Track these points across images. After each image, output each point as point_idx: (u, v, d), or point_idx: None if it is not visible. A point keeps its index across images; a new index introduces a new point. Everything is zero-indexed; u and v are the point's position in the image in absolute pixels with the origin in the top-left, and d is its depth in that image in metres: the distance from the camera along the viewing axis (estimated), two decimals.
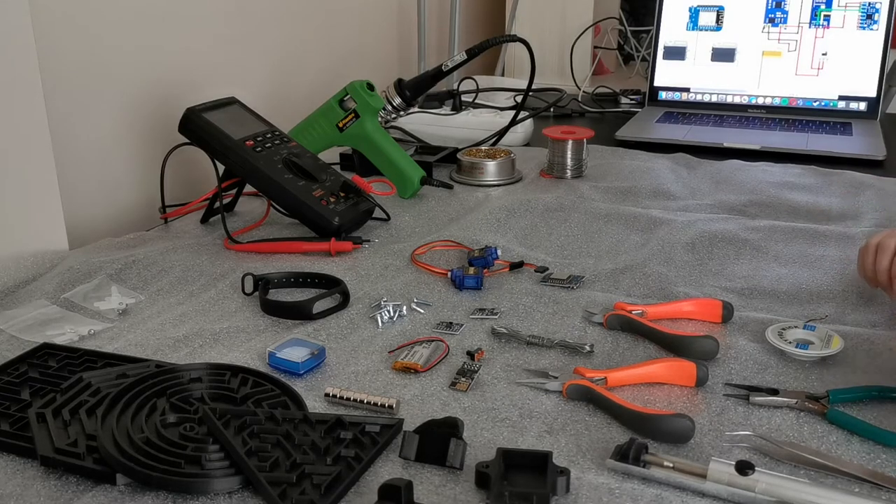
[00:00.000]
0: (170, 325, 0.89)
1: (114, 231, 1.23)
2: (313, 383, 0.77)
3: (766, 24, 1.72)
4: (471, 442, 0.67)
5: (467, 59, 1.34)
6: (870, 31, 1.66)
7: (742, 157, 1.48)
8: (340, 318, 0.90)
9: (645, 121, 1.72)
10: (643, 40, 2.25)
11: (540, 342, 0.84)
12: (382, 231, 1.16)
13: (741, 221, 1.16)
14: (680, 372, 0.76)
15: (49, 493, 0.63)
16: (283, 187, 1.11)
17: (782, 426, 0.70)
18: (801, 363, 0.80)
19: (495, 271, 1.00)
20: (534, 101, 1.76)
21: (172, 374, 0.74)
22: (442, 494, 0.62)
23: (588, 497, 0.61)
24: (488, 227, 1.15)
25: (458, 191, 1.32)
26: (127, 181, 1.30)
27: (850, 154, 1.48)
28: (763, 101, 1.74)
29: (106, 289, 0.97)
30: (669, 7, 1.79)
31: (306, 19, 1.71)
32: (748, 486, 0.60)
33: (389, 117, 1.42)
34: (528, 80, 1.44)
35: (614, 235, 1.14)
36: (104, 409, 0.68)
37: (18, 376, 0.76)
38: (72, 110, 1.19)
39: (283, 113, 1.45)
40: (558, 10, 2.23)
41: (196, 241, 1.12)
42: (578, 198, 1.27)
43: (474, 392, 0.76)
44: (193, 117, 1.14)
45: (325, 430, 0.67)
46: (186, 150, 1.17)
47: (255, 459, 0.63)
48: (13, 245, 1.04)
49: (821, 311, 0.90)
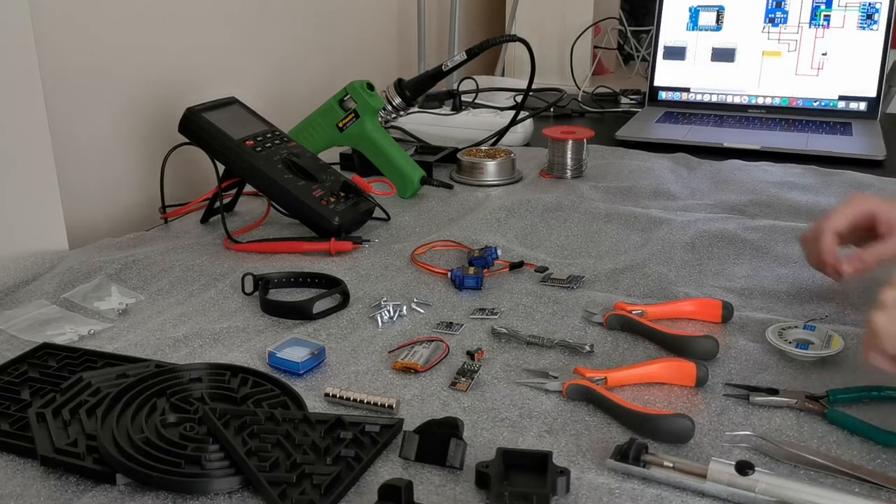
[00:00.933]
0: (170, 325, 0.89)
1: (114, 231, 1.22)
2: (313, 383, 0.77)
3: (766, 24, 1.72)
4: (471, 442, 0.67)
5: (467, 59, 1.34)
6: (870, 31, 1.66)
7: (742, 157, 1.48)
8: (340, 318, 0.90)
9: (645, 121, 1.72)
10: (643, 40, 2.25)
11: (540, 342, 0.84)
12: (382, 231, 1.16)
13: (741, 221, 1.16)
14: (680, 372, 0.76)
15: (49, 493, 0.63)
16: (283, 187, 1.11)
17: (782, 426, 0.70)
18: (801, 363, 0.80)
19: (495, 271, 1.00)
20: (534, 101, 1.75)
21: (172, 374, 0.74)
22: (442, 494, 0.62)
23: (588, 497, 0.61)
24: (488, 227, 1.15)
25: (458, 191, 1.32)
26: (127, 181, 1.30)
27: (850, 154, 1.48)
28: (763, 101, 1.74)
29: (106, 289, 0.97)
30: (669, 7, 1.79)
31: (306, 19, 1.71)
32: (748, 486, 0.60)
33: (389, 117, 1.42)
34: (528, 80, 1.44)
35: (614, 235, 1.14)
36: (104, 409, 0.68)
37: (18, 376, 0.76)
38: (72, 110, 1.19)
39: (283, 113, 1.45)
40: (558, 10, 2.23)
41: (196, 241, 1.12)
42: (578, 198, 1.27)
43: (474, 392, 0.76)
44: (193, 117, 1.14)
45: (325, 430, 0.67)
46: (186, 150, 1.17)
47: (255, 459, 0.63)
48: (13, 245, 1.04)
49: (821, 311, 0.90)
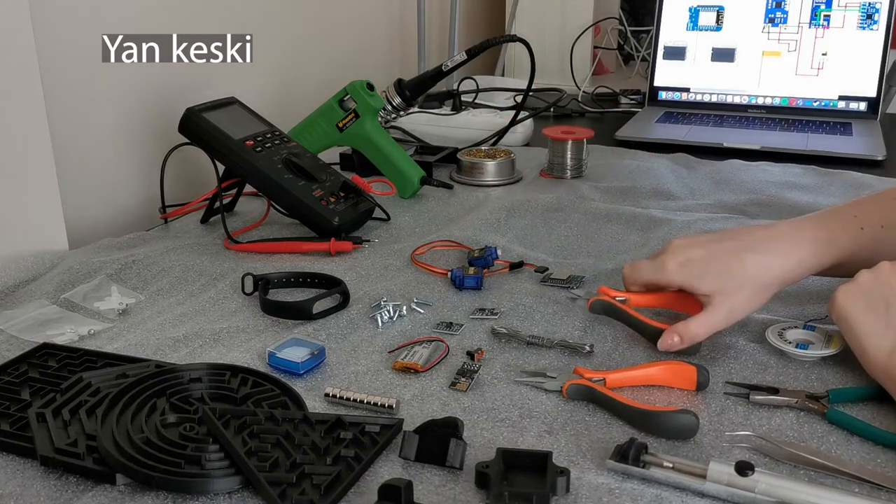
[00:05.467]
0: (169, 325, 0.89)
1: (114, 231, 1.22)
2: (313, 383, 0.77)
3: (766, 25, 1.72)
4: (471, 442, 0.67)
5: (467, 59, 1.34)
6: (870, 31, 1.66)
7: (742, 157, 1.48)
8: (340, 318, 0.90)
9: (645, 121, 1.72)
10: (643, 40, 2.25)
11: (540, 342, 0.84)
12: (382, 231, 1.16)
13: (741, 221, 1.16)
14: (680, 375, 0.76)
15: (49, 493, 0.63)
16: (283, 187, 1.11)
17: (782, 426, 0.70)
18: (801, 363, 0.80)
19: (495, 271, 1.00)
20: (534, 101, 1.76)
21: (172, 374, 0.74)
22: (442, 494, 0.62)
23: (588, 497, 0.61)
24: (488, 227, 1.15)
25: (458, 191, 1.32)
26: (127, 181, 1.30)
27: (850, 154, 1.48)
28: (763, 101, 1.74)
29: (106, 289, 0.97)
30: (669, 7, 1.79)
31: (307, 19, 1.71)
32: (748, 487, 0.60)
33: (389, 117, 1.42)
34: (528, 80, 1.44)
35: (614, 235, 1.14)
36: (104, 409, 0.68)
37: (18, 376, 0.76)
38: (72, 110, 1.19)
39: (283, 113, 1.45)
40: (558, 10, 2.23)
41: (196, 241, 1.12)
42: (578, 198, 1.27)
43: (474, 392, 0.76)
44: (193, 117, 1.14)
45: (325, 430, 0.67)
46: (186, 150, 1.17)
47: (255, 459, 0.63)
48: (13, 245, 1.04)
49: (821, 311, 0.90)
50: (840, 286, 0.76)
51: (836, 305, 0.76)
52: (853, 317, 0.74)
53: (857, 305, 0.74)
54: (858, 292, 0.75)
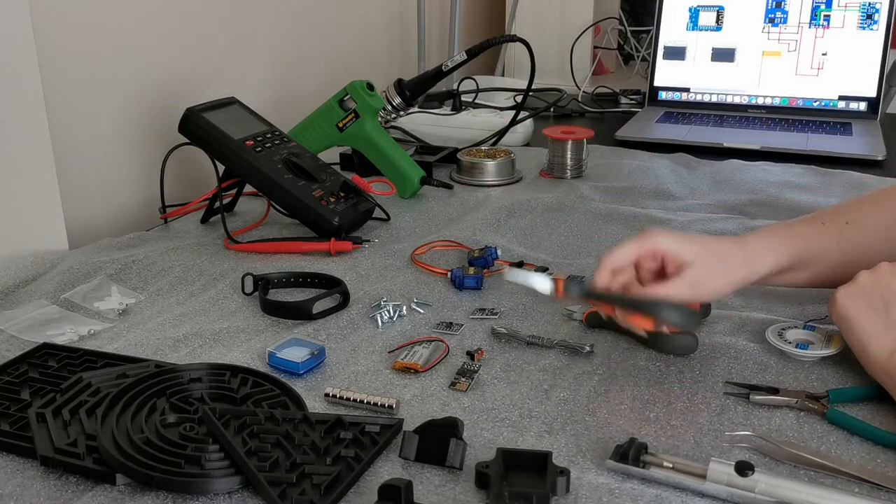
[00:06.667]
0: (169, 325, 0.89)
1: (114, 231, 1.22)
2: (313, 383, 0.77)
3: (766, 25, 1.72)
4: (471, 442, 0.67)
5: (467, 59, 1.34)
6: (870, 31, 1.66)
7: (742, 157, 1.48)
8: (340, 318, 0.90)
9: (645, 121, 1.72)
10: (643, 40, 2.25)
11: (540, 342, 0.84)
12: (382, 231, 1.16)
13: (741, 221, 1.16)
14: None
15: (49, 493, 0.63)
16: (283, 187, 1.11)
17: (782, 426, 0.70)
18: (801, 363, 0.80)
19: (495, 271, 1.00)
20: (534, 101, 1.76)
21: (172, 374, 0.74)
22: (442, 494, 0.62)
23: (588, 497, 0.61)
24: (488, 227, 1.15)
25: (458, 191, 1.32)
26: (127, 181, 1.30)
27: (850, 154, 1.48)
28: (763, 101, 1.74)
29: (106, 289, 0.97)
30: (669, 7, 1.79)
31: (306, 19, 1.71)
32: (748, 487, 0.60)
33: (389, 117, 1.42)
34: (528, 80, 1.44)
35: (614, 235, 1.14)
36: (104, 409, 0.68)
37: (18, 376, 0.76)
38: (72, 110, 1.19)
39: (283, 113, 1.45)
40: (558, 10, 2.23)
41: (196, 241, 1.12)
42: (578, 198, 1.27)
43: (474, 392, 0.76)
44: (193, 117, 1.14)
45: (325, 430, 0.67)
46: (186, 150, 1.17)
47: (255, 459, 0.63)
48: (13, 245, 1.04)
49: (821, 311, 0.90)
50: (840, 287, 0.77)
51: (837, 306, 0.76)
52: (853, 317, 0.74)
53: (858, 306, 0.74)
54: (858, 293, 0.75)
